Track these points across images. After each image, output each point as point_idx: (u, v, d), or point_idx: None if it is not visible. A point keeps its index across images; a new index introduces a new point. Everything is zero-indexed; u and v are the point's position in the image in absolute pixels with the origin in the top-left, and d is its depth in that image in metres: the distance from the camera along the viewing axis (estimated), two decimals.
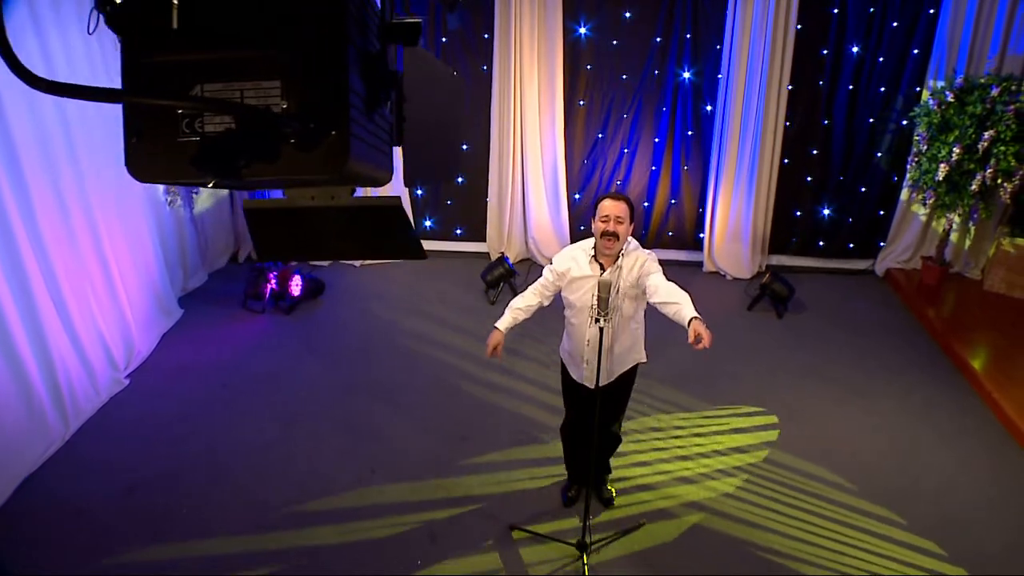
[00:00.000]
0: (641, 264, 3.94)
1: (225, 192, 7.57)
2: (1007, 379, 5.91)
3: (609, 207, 3.86)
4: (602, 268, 3.92)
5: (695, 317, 3.52)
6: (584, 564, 4.15)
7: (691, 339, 3.42)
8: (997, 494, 4.90)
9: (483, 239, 8.22)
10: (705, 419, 5.56)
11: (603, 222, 3.87)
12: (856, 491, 4.87)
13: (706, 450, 5.22)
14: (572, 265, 4.01)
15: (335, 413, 5.52)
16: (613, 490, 4.77)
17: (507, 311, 4.21)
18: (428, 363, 6.18)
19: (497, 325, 4.18)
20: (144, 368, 5.98)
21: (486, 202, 8.02)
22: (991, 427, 5.55)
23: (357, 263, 7.84)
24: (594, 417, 4.34)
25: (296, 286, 6.93)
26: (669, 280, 3.84)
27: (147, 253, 6.28)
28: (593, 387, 3.99)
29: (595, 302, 3.74)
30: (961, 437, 5.45)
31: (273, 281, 6.88)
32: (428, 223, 8.14)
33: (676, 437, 5.35)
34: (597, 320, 3.71)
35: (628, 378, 4.31)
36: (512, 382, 5.94)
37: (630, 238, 4.01)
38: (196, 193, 7.13)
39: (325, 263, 7.79)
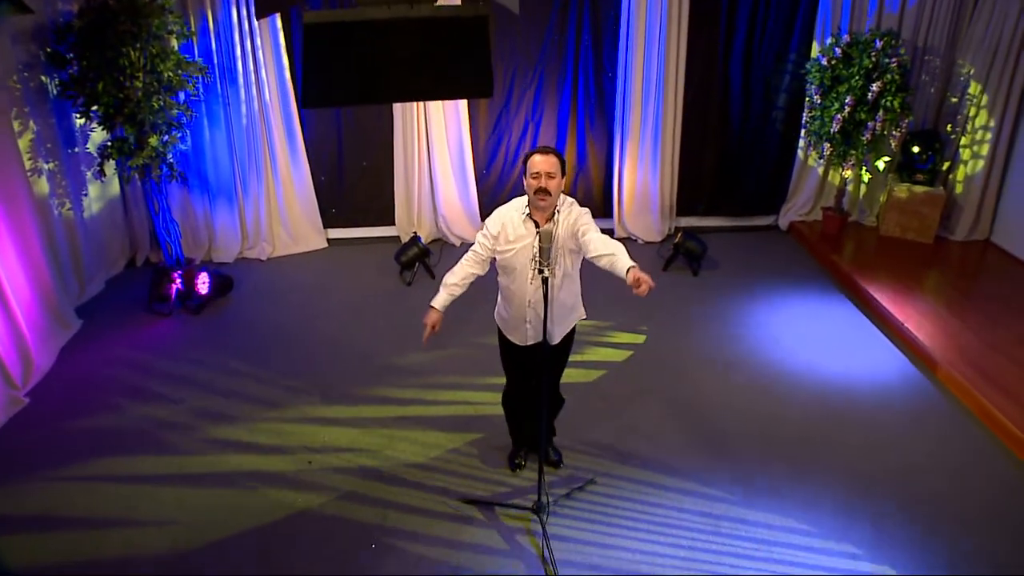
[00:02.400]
0: (576, 218, 3.93)
1: (117, 191, 7.09)
2: (911, 309, 6.28)
3: (539, 163, 3.81)
4: (537, 225, 3.89)
5: (632, 266, 3.56)
6: (543, 526, 4.12)
7: (631, 283, 3.49)
8: (912, 411, 5.28)
9: (392, 222, 8.04)
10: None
11: (534, 179, 3.82)
12: (795, 426, 5.05)
13: (637, 405, 5.29)
14: (507, 224, 3.96)
15: (260, 411, 5.27)
16: (561, 451, 4.76)
17: (442, 288, 4.11)
18: (351, 349, 6.00)
19: (433, 304, 4.10)
20: (45, 384, 5.55)
21: (392, 184, 7.83)
22: (901, 354, 5.93)
23: (264, 256, 7.52)
24: (537, 379, 4.31)
25: (203, 284, 6.57)
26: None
27: (38, 261, 5.80)
28: (536, 343, 3.95)
29: (536, 252, 3.70)
30: (877, 366, 5.78)
31: (178, 281, 6.50)
32: (333, 210, 7.89)
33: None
34: (541, 271, 3.65)
35: (569, 337, 4.30)
36: (443, 359, 5.84)
37: (564, 196, 3.99)
38: (84, 195, 6.65)
39: (230, 259, 7.44)
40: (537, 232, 3.75)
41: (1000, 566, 4.02)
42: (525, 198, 3.97)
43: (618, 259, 3.65)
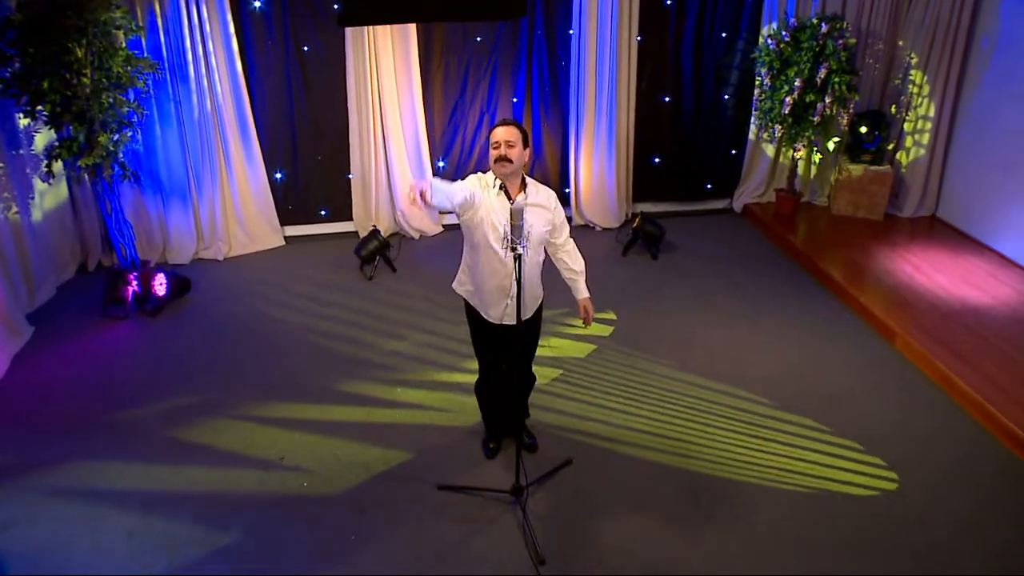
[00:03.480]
0: (555, 207, 4.09)
1: (65, 194, 6.88)
2: (866, 284, 6.49)
3: (499, 133, 3.92)
4: (509, 196, 3.92)
5: (587, 297, 4.32)
6: (523, 508, 4.13)
7: (581, 315, 4.33)
8: (874, 379, 5.46)
9: (349, 218, 7.96)
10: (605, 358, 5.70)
11: (495, 148, 3.91)
12: (762, 398, 5.17)
13: (613, 383, 5.35)
14: (480, 183, 4.00)
15: (229, 408, 5.17)
16: (535, 435, 4.78)
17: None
18: (317, 346, 5.92)
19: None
20: None
21: (348, 179, 7.75)
22: (859, 326, 6.12)
23: (220, 256, 7.38)
24: (511, 357, 4.33)
25: (160, 285, 6.41)
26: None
27: None
28: (513, 323, 3.98)
29: (507, 230, 3.73)
30: (837, 339, 5.94)
31: (135, 283, 6.34)
32: (289, 207, 7.77)
33: (587, 377, 5.45)
34: (514, 248, 3.68)
35: (537, 313, 4.35)
36: (409, 351, 5.82)
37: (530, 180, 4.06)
38: (31, 198, 6.44)
39: (186, 260, 7.29)
40: (511, 208, 3.76)
41: (966, 523, 4.18)
42: (491, 174, 4.01)
43: (579, 282, 4.32)
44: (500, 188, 3.95)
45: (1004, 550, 4.02)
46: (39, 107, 5.73)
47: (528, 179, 4.05)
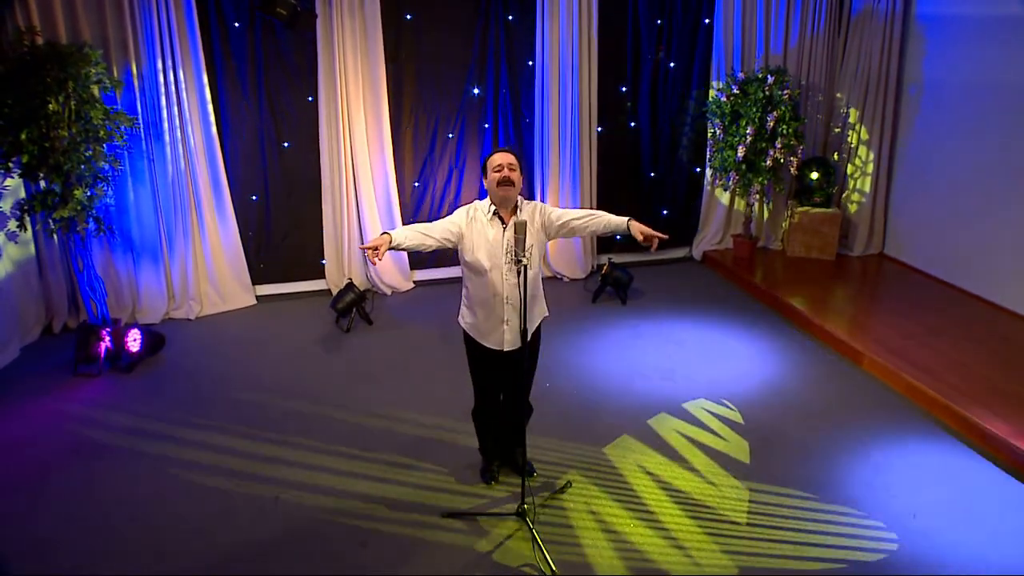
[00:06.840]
0: (540, 210, 4.19)
1: (30, 254, 6.77)
2: (828, 314, 6.84)
3: (499, 158, 4.08)
4: (503, 222, 4.06)
5: (630, 219, 4.06)
6: (531, 528, 4.15)
7: (641, 240, 3.96)
8: (844, 398, 5.73)
9: (322, 276, 8.01)
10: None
11: (496, 171, 4.05)
12: (744, 425, 5.36)
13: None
14: (475, 212, 4.13)
15: (213, 456, 5.09)
16: (531, 461, 4.82)
17: (407, 228, 4.09)
18: (298, 394, 5.89)
19: (388, 231, 4.02)
20: None
21: (321, 237, 7.84)
22: (827, 352, 6.42)
23: (192, 315, 7.31)
24: (511, 381, 4.40)
25: (134, 341, 6.32)
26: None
27: None
28: (513, 348, 4.07)
29: (512, 245, 3.85)
30: (809, 364, 6.24)
31: (107, 339, 6.24)
32: (261, 265, 7.79)
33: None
34: (518, 261, 3.79)
35: (536, 338, 4.44)
36: (393, 394, 5.85)
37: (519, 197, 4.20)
38: None
39: (156, 320, 7.21)
40: (513, 222, 3.91)
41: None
42: (482, 202, 4.15)
43: (608, 217, 4.07)
44: (494, 214, 4.09)
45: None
46: (14, 159, 5.70)
47: (519, 199, 4.18)
